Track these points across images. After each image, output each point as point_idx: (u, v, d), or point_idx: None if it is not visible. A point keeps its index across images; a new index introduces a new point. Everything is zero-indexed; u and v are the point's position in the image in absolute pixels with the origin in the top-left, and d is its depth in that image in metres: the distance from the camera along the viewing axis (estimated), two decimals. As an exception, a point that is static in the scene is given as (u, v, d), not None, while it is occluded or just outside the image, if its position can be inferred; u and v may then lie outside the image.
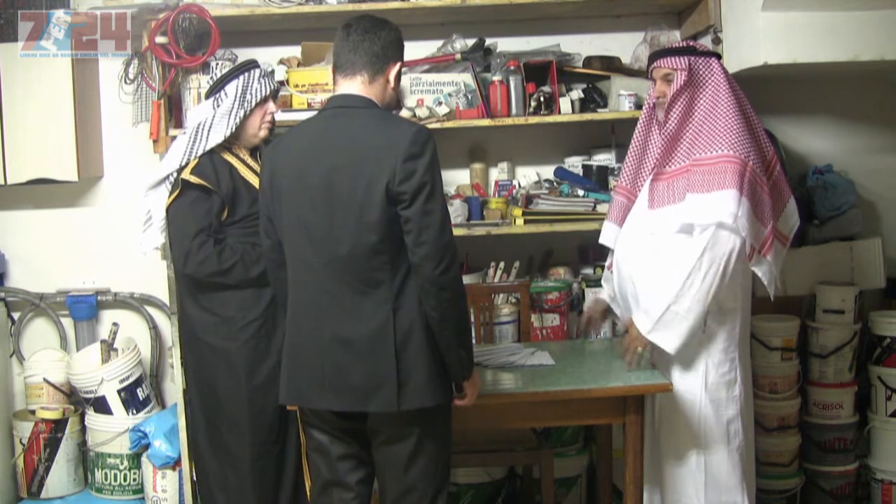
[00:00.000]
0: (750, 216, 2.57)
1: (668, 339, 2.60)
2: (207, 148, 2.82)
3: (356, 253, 2.22)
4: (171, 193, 2.83)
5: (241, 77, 2.85)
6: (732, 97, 2.68)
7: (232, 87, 2.84)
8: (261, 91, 2.86)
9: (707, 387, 2.67)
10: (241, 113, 2.83)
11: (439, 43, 3.59)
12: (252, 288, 2.79)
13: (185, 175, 2.79)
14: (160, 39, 3.25)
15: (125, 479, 3.56)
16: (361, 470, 2.40)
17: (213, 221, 2.80)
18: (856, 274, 3.59)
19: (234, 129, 2.83)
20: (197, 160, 2.82)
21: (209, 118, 2.83)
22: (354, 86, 2.34)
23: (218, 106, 2.83)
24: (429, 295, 2.20)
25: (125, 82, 3.37)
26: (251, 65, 2.90)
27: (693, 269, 2.57)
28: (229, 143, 2.86)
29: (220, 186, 2.80)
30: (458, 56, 3.50)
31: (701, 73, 2.70)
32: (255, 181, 2.80)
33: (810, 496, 3.58)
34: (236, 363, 2.80)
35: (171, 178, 2.88)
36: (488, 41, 3.53)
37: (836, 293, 3.50)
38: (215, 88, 2.86)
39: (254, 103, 2.85)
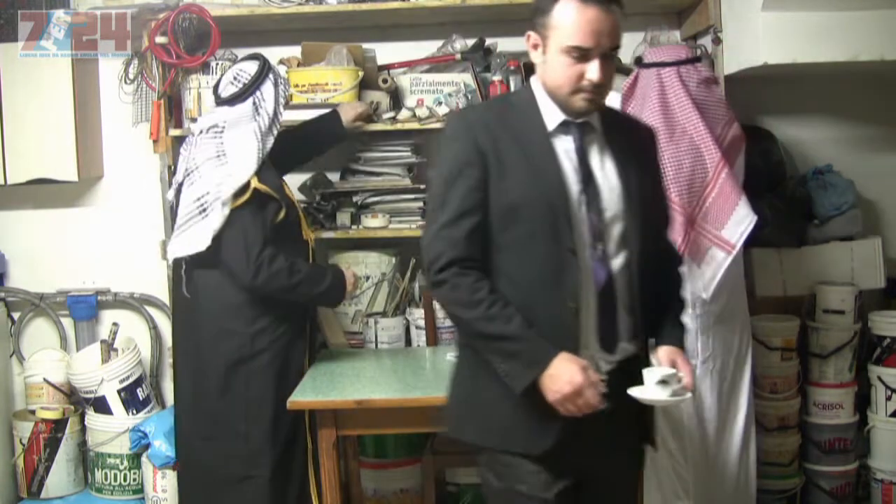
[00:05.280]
0: None
1: None
2: (267, 153, 2.79)
3: None
4: (238, 195, 2.72)
5: (270, 76, 2.82)
6: (658, 110, 2.66)
7: (269, 91, 2.80)
8: (287, 88, 2.89)
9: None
10: (282, 113, 2.84)
11: (439, 43, 3.59)
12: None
13: (255, 184, 2.72)
14: (160, 39, 3.25)
15: (125, 479, 3.56)
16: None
17: (268, 233, 2.77)
18: (856, 274, 3.59)
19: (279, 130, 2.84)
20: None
21: (262, 123, 2.78)
22: None
23: (260, 109, 2.79)
24: None
25: (125, 82, 3.38)
26: (267, 61, 2.85)
27: None
28: None
29: (282, 194, 2.80)
30: (458, 56, 3.50)
31: (638, 87, 2.72)
32: None
33: (810, 496, 3.58)
34: (268, 371, 2.81)
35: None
36: (488, 41, 3.52)
37: (836, 293, 3.50)
38: (249, 90, 2.78)
39: (286, 101, 2.87)
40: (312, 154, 3.26)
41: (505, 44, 3.57)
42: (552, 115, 1.97)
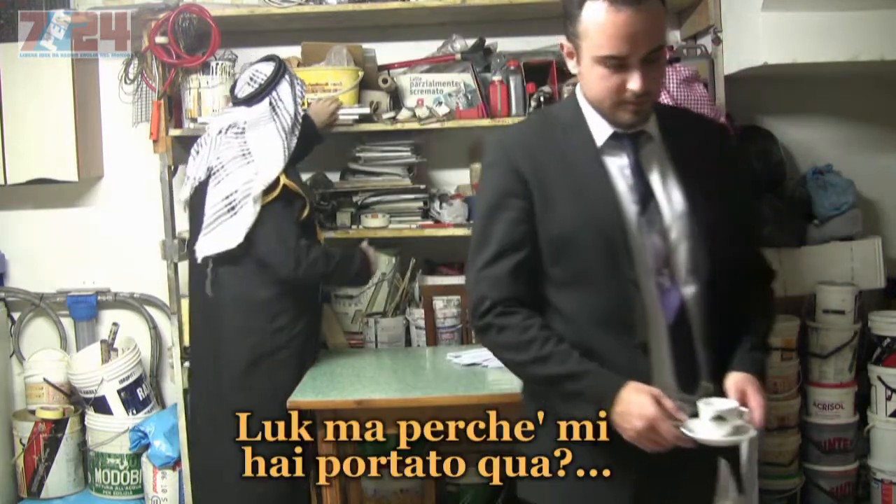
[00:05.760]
0: None
1: None
2: (292, 151, 2.84)
3: None
4: (267, 192, 2.77)
5: (286, 77, 2.86)
6: None
7: (286, 91, 2.84)
8: (303, 88, 2.94)
9: None
10: (301, 112, 2.89)
11: (439, 43, 3.59)
12: (311, 295, 2.94)
13: (285, 180, 2.78)
14: (160, 39, 3.25)
15: (125, 479, 3.56)
16: None
17: (297, 226, 2.83)
18: (856, 274, 3.59)
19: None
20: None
21: (285, 122, 2.82)
22: None
23: (277, 109, 2.83)
24: None
25: (125, 82, 3.37)
26: (283, 62, 2.89)
27: None
28: None
29: (307, 192, 2.87)
30: (458, 56, 3.50)
31: None
32: None
33: (810, 496, 3.58)
34: (285, 369, 2.85)
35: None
36: (488, 41, 3.52)
37: (836, 293, 3.50)
38: (265, 91, 2.82)
39: (303, 100, 2.92)
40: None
41: (505, 44, 3.58)
42: (600, 129, 1.74)
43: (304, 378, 2.80)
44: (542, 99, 3.38)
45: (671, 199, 1.72)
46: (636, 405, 1.61)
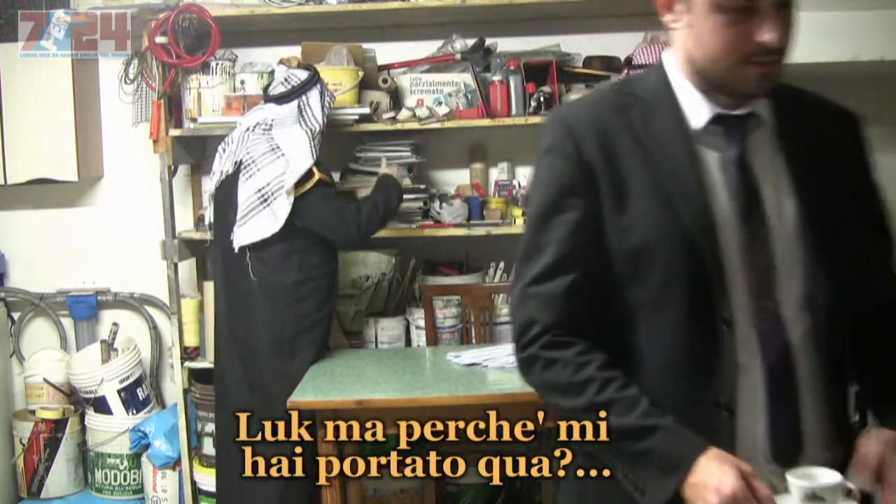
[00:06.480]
0: None
1: None
2: (318, 154, 2.96)
3: None
4: (299, 185, 2.90)
5: (318, 86, 2.99)
6: None
7: (315, 98, 2.97)
8: (332, 101, 3.08)
9: None
10: (325, 122, 3.02)
11: (439, 43, 3.59)
12: (332, 284, 3.04)
13: (319, 175, 2.92)
14: (160, 39, 3.26)
15: (125, 479, 3.57)
16: None
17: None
18: (856, 274, 3.58)
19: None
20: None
21: (313, 127, 2.94)
22: None
23: (304, 113, 2.95)
24: None
25: (125, 82, 3.38)
26: (318, 73, 3.02)
27: None
28: None
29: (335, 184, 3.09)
30: (458, 56, 3.50)
31: None
32: None
33: (810, 496, 3.57)
34: (307, 354, 2.95)
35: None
36: (488, 41, 3.52)
37: (836, 293, 3.49)
38: (296, 93, 2.96)
39: (330, 111, 3.07)
40: None
41: (505, 44, 3.58)
42: (698, 108, 1.35)
43: (304, 378, 2.80)
44: (541, 99, 3.38)
45: (782, 207, 1.34)
46: (714, 477, 1.21)
